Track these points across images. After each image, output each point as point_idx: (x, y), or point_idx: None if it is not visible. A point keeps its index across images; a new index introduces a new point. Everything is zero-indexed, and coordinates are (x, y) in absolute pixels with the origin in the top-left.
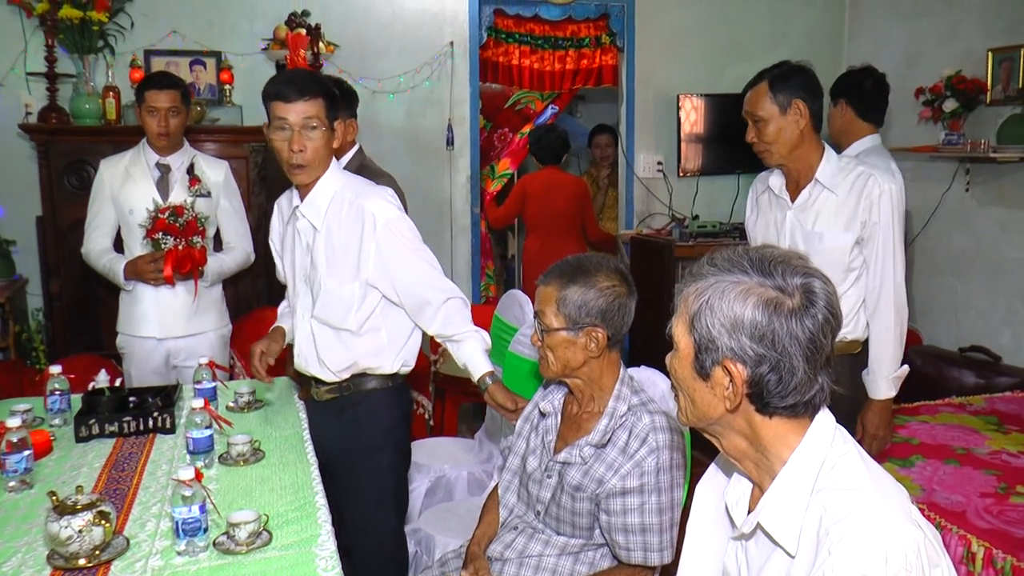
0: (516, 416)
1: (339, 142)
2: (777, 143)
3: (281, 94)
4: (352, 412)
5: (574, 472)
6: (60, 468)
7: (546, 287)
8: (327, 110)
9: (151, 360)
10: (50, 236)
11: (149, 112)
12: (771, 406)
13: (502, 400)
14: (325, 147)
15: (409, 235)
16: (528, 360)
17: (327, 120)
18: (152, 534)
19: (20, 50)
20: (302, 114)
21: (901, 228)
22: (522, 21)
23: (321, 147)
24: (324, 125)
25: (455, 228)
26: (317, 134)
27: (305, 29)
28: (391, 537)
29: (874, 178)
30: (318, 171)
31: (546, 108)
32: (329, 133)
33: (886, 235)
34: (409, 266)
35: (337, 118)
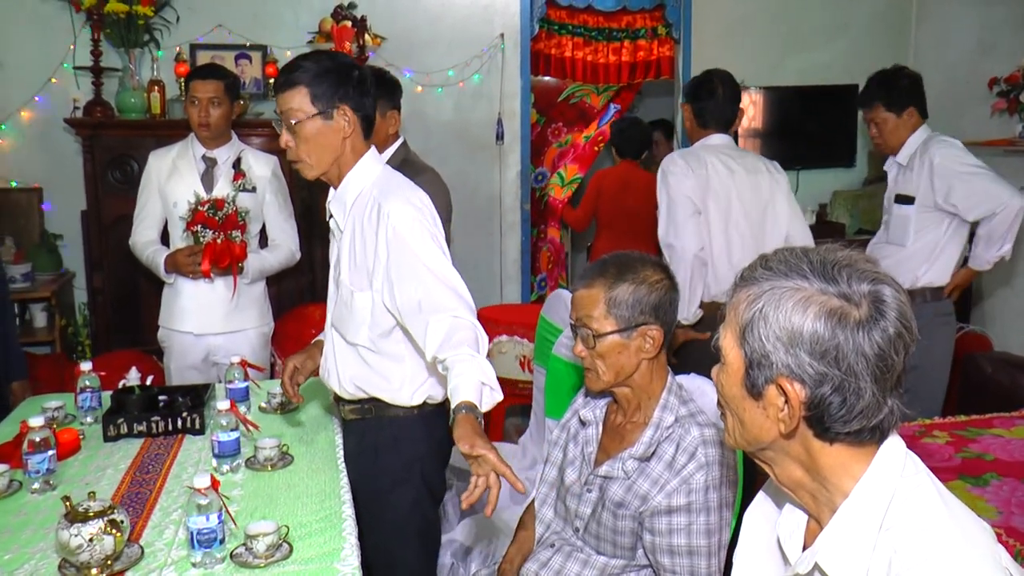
0: (477, 465)
1: (379, 135)
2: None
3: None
4: (372, 438)
5: (616, 487)
6: (85, 469)
7: (588, 289)
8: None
9: (190, 355)
10: (94, 230)
11: (192, 102)
12: (832, 431)
13: (457, 436)
14: (320, 136)
15: (419, 241)
16: (572, 364)
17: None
18: (169, 543)
19: (69, 45)
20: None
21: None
22: (575, 12)
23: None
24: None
25: (504, 225)
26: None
27: (351, 21)
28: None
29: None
30: (321, 167)
31: (607, 106)
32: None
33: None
34: (410, 276)
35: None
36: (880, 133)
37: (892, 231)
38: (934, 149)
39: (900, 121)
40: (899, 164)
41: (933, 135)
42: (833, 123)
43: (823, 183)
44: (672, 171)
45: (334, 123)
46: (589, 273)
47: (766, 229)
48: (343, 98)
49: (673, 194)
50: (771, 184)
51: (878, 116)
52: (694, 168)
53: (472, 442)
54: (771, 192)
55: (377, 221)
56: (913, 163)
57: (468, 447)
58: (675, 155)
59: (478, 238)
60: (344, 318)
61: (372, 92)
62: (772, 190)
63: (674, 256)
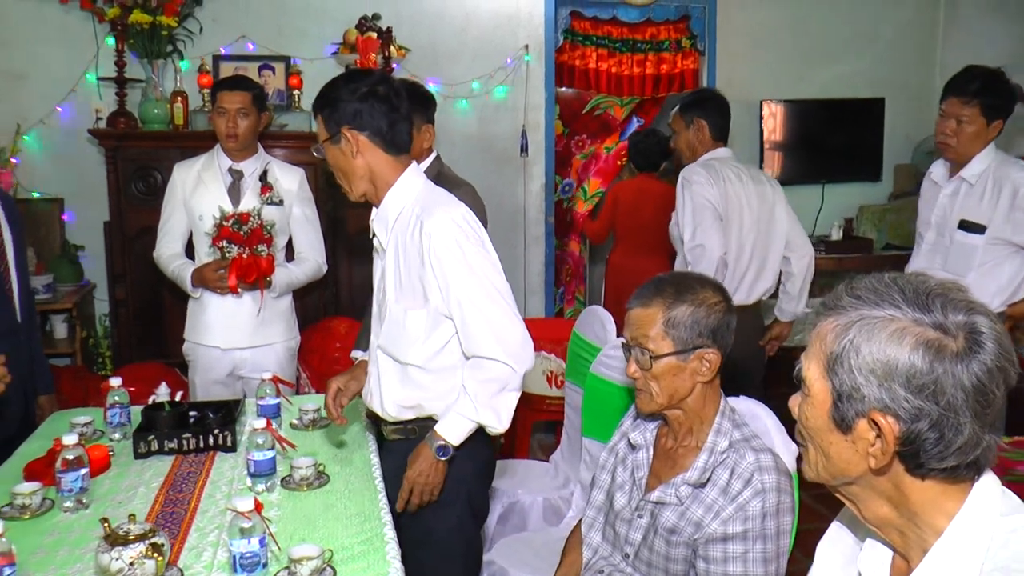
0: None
1: (413, 149)
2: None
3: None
4: None
5: (668, 513)
6: (117, 487)
7: (645, 309)
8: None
9: (215, 370)
10: (117, 242)
11: (219, 113)
12: (926, 467)
13: (410, 469)
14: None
15: (462, 258)
16: (612, 383)
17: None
18: (208, 565)
19: (92, 55)
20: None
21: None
22: (599, 23)
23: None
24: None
25: (528, 238)
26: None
27: (376, 33)
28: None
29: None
30: (355, 189)
31: (630, 117)
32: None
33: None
34: (456, 293)
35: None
36: (958, 135)
37: (952, 259)
38: (1018, 177)
39: (985, 131)
40: (966, 181)
41: (1006, 157)
42: (859, 137)
43: (849, 198)
44: (696, 180)
45: (342, 146)
46: (646, 292)
47: (771, 235)
48: (346, 120)
49: (698, 201)
50: (772, 193)
51: (968, 115)
52: (714, 178)
53: (412, 481)
54: (772, 201)
55: (420, 238)
56: (984, 185)
57: (408, 487)
58: (695, 166)
59: (502, 251)
60: (396, 338)
61: (382, 109)
62: (773, 199)
63: (703, 257)
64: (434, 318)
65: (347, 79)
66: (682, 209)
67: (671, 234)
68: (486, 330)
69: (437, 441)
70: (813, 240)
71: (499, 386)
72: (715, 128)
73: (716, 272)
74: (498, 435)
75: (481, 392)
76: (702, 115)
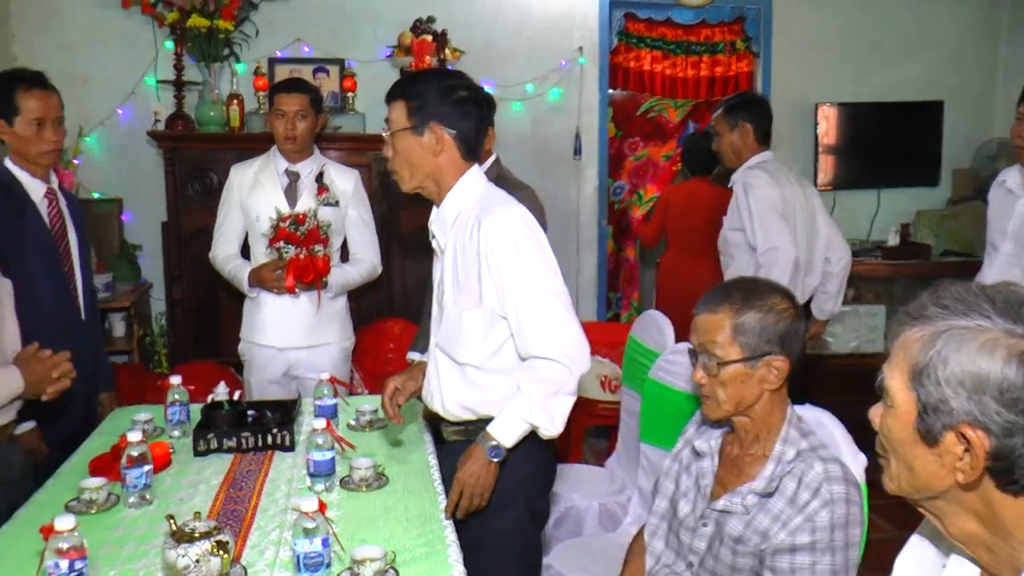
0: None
1: None
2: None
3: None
4: None
5: (734, 522)
6: (178, 484)
7: (713, 315)
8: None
9: (271, 369)
10: (174, 242)
11: (277, 115)
12: (1020, 483)
13: (461, 471)
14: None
15: (518, 259)
16: (673, 389)
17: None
18: (271, 563)
19: (151, 59)
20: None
21: None
22: (654, 25)
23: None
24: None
25: (581, 241)
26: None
27: (431, 35)
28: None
29: None
30: (413, 180)
31: (686, 123)
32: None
33: None
34: (513, 294)
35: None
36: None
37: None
38: None
39: None
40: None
41: None
42: (916, 140)
43: (905, 202)
44: (757, 184)
45: (424, 139)
46: (713, 298)
47: (816, 236)
48: (438, 116)
49: (763, 204)
50: (813, 196)
51: None
52: (774, 180)
53: (462, 484)
54: (813, 203)
55: (478, 239)
56: None
57: (457, 493)
58: (754, 169)
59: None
60: (453, 338)
61: (475, 114)
62: (814, 201)
63: (777, 260)
64: (490, 319)
65: (441, 76)
66: (746, 214)
67: (725, 239)
68: (541, 331)
69: (489, 442)
70: (869, 245)
71: (554, 388)
72: (759, 131)
73: (791, 275)
74: (552, 438)
75: (535, 393)
76: (747, 118)
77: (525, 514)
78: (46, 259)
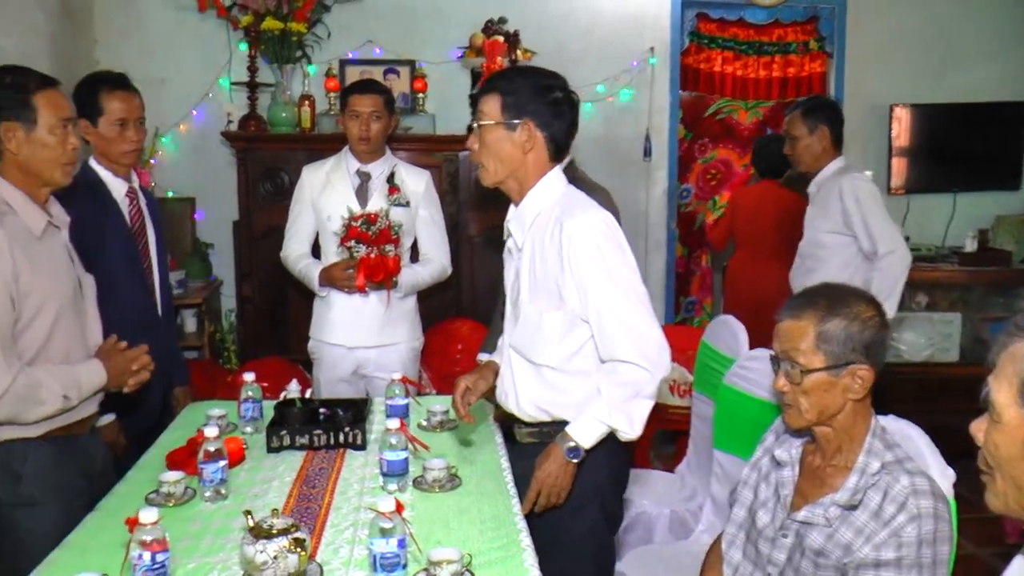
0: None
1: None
2: None
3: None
4: None
5: (816, 534)
6: (252, 479)
7: (796, 321)
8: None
9: (340, 368)
10: (245, 240)
11: (352, 116)
12: None
13: (539, 470)
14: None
15: (602, 261)
16: (750, 396)
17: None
18: (346, 562)
19: (225, 61)
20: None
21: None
22: (726, 25)
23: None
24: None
25: (650, 244)
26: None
27: (503, 36)
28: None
29: None
30: (497, 175)
31: (756, 123)
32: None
33: None
34: (595, 296)
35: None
36: None
37: None
38: None
39: None
40: None
41: None
42: (996, 143)
43: (984, 207)
44: (869, 188)
45: (515, 135)
46: (797, 304)
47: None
48: (531, 114)
49: (880, 208)
50: None
51: None
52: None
53: (541, 483)
54: None
55: (560, 240)
56: None
57: (536, 490)
58: (858, 174)
59: None
60: (530, 339)
61: (568, 117)
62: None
63: (897, 264)
64: (570, 320)
65: (539, 75)
66: (857, 218)
67: (816, 242)
68: (623, 334)
69: (568, 442)
70: (944, 251)
71: (634, 391)
72: (835, 135)
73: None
74: (630, 441)
75: (615, 396)
76: (825, 121)
77: (600, 516)
78: (127, 256)
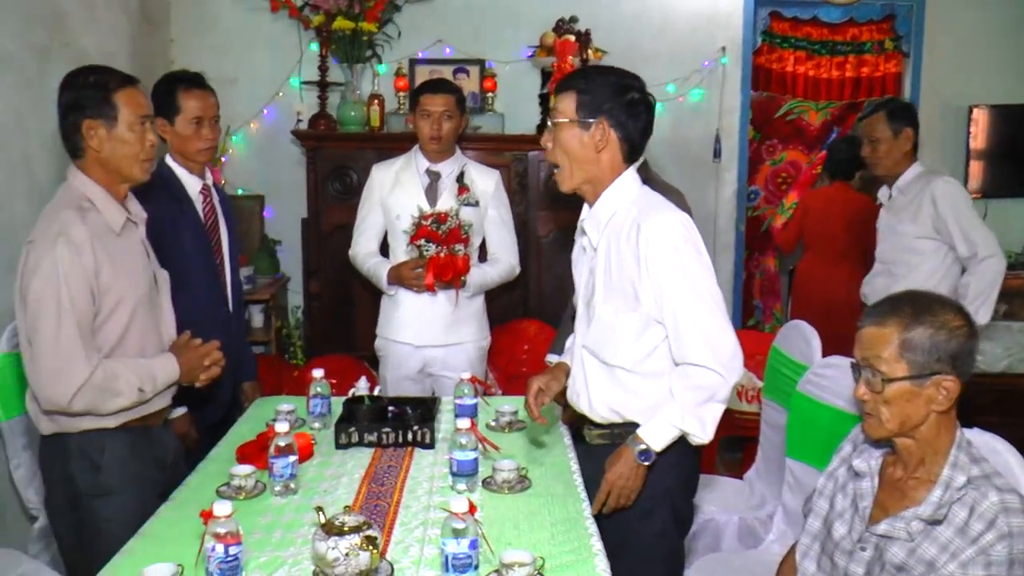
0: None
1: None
2: None
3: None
4: None
5: (896, 549)
6: (321, 475)
7: (879, 328)
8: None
9: (406, 366)
10: (313, 237)
11: (423, 116)
12: None
13: (609, 472)
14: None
15: (679, 262)
16: (824, 405)
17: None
18: (416, 561)
19: (296, 61)
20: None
21: None
22: (799, 24)
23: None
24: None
25: (717, 246)
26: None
27: (574, 35)
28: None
29: None
30: (573, 177)
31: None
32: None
33: None
34: (672, 296)
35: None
36: None
37: None
38: None
39: None
40: None
41: None
42: None
43: None
44: (962, 192)
45: (589, 133)
46: (880, 310)
47: None
48: (606, 113)
49: (972, 210)
50: None
51: None
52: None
53: (612, 484)
54: None
55: (637, 241)
56: None
57: (606, 492)
58: (948, 178)
59: None
60: (603, 340)
61: (644, 119)
62: None
63: (992, 268)
64: (644, 322)
65: (617, 74)
66: (952, 221)
67: (906, 247)
68: (698, 337)
69: (639, 445)
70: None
71: (707, 394)
72: (916, 138)
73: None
74: (701, 445)
75: (688, 399)
76: (909, 125)
77: (670, 519)
78: (200, 252)
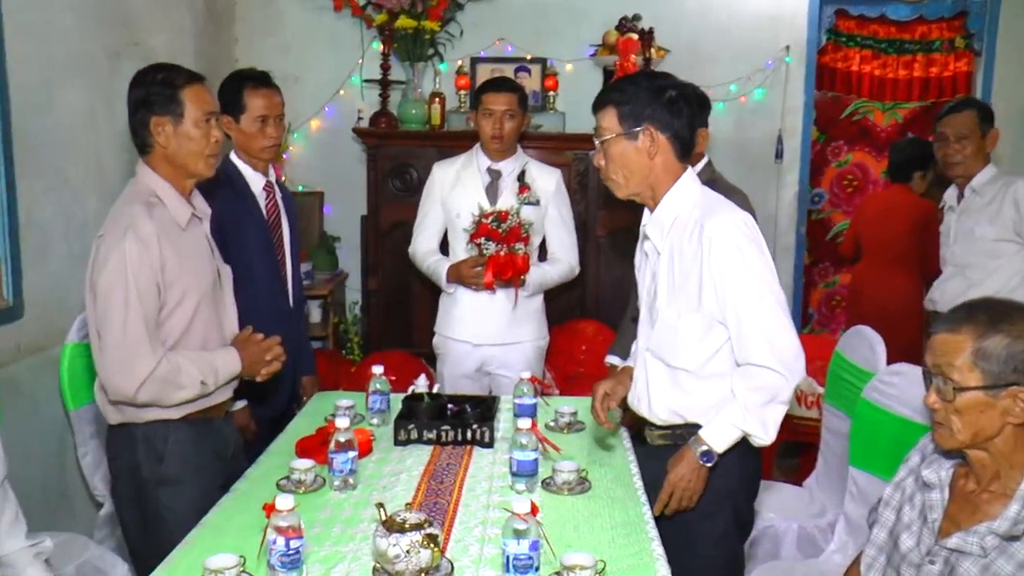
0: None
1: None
2: None
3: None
4: None
5: (969, 564)
6: (380, 471)
7: (953, 335)
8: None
9: (464, 364)
10: (372, 235)
11: (485, 114)
12: None
13: (671, 473)
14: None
15: (743, 263)
16: (890, 413)
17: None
18: (476, 560)
19: (358, 59)
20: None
21: None
22: (865, 22)
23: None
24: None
25: (778, 249)
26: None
27: (637, 34)
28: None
29: None
30: (630, 186)
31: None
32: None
33: None
34: (735, 297)
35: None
36: None
37: None
38: None
39: None
40: None
41: None
42: None
43: None
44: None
45: (639, 143)
46: (954, 317)
47: None
48: (649, 118)
49: None
50: None
51: None
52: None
53: (674, 487)
54: None
55: (700, 240)
56: None
57: (668, 492)
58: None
59: None
60: (667, 342)
61: (687, 113)
62: None
63: None
64: (707, 323)
65: (649, 78)
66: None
67: (988, 251)
68: (761, 338)
69: (701, 446)
70: None
71: (769, 396)
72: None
73: None
74: (763, 447)
75: (750, 400)
76: (993, 124)
77: (732, 522)
78: (263, 248)
